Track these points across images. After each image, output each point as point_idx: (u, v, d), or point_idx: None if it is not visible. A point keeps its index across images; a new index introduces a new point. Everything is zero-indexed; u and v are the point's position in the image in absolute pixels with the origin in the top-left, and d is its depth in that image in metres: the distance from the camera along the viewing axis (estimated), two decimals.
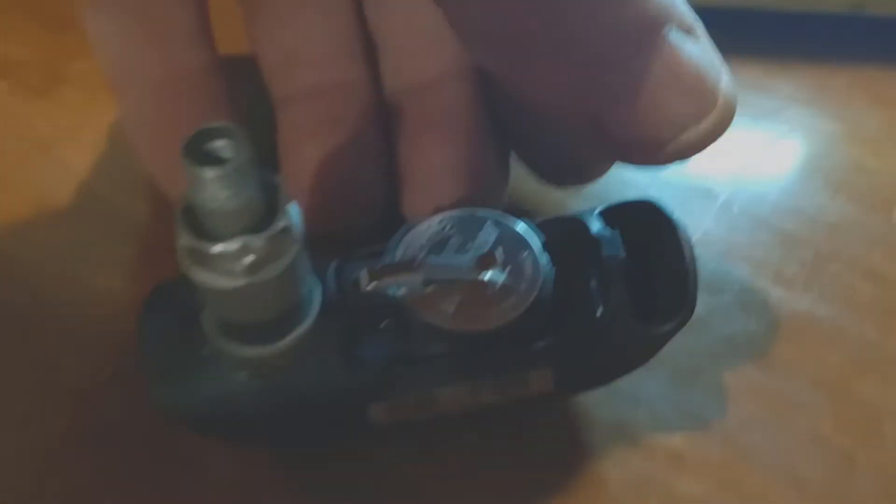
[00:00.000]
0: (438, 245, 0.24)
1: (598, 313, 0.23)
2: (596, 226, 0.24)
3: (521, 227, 0.24)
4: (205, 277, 0.19)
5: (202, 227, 0.19)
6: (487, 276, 0.23)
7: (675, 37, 0.21)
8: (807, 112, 0.35)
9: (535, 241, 0.24)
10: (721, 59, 0.21)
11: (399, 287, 0.23)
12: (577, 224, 0.24)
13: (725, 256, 0.31)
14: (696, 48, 0.21)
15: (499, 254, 0.23)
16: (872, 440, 0.27)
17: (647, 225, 0.24)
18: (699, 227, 0.32)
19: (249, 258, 0.19)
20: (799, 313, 0.30)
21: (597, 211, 0.24)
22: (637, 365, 0.26)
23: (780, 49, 0.37)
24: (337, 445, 0.27)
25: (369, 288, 0.23)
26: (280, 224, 0.19)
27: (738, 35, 0.32)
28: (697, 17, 0.21)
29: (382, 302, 0.23)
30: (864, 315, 0.30)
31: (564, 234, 0.24)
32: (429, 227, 0.24)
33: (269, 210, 0.19)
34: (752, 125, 0.35)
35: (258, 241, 0.19)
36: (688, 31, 0.21)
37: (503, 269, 0.23)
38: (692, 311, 0.24)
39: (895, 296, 0.30)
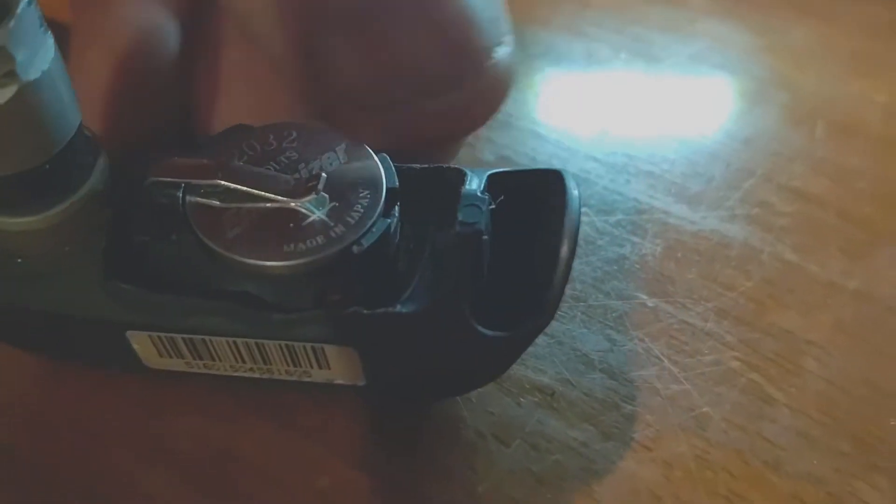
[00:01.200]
0: (266, 155, 0.18)
1: (426, 293, 0.17)
2: (473, 184, 0.18)
3: (377, 162, 0.18)
4: None
5: None
6: (299, 203, 0.17)
7: None
8: (722, 24, 0.31)
9: (383, 183, 0.18)
10: (510, 27, 0.15)
11: (194, 191, 0.18)
12: (458, 177, 0.18)
13: (620, 172, 0.26)
14: None
15: (327, 182, 0.17)
16: (791, 376, 0.22)
17: (545, 202, 0.18)
18: (591, 140, 0.27)
19: None
20: (703, 234, 0.25)
21: (489, 171, 0.18)
22: (470, 378, 0.20)
23: None
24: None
25: (149, 182, 0.18)
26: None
27: None
28: None
29: (163, 206, 0.18)
30: (782, 235, 0.25)
31: (439, 186, 0.18)
32: (264, 132, 0.19)
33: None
34: (659, 37, 0.30)
35: None
36: None
37: (325, 202, 0.17)
38: (546, 322, 0.18)
39: (820, 214, 0.25)
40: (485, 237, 0.17)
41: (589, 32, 0.31)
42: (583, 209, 0.24)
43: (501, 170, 0.19)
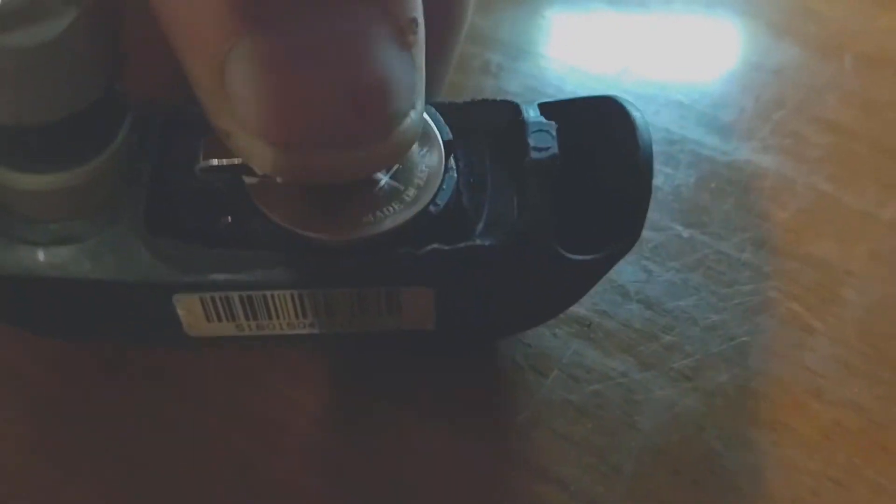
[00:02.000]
0: None
1: (506, 225, 0.17)
2: (531, 114, 0.17)
3: (425, 115, 0.17)
4: None
5: None
6: None
7: (374, 31, 0.14)
8: None
9: (439, 137, 0.17)
10: (423, 96, 0.15)
11: (248, 170, 0.16)
12: (507, 109, 0.18)
13: (650, 101, 0.26)
14: (397, 59, 0.14)
15: None
16: (829, 306, 0.21)
17: (601, 129, 0.18)
18: (619, 69, 0.26)
19: None
20: (737, 164, 0.24)
21: (538, 102, 0.18)
22: (549, 306, 0.19)
23: None
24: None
25: (201, 167, 0.16)
26: None
27: None
28: (419, 21, 0.14)
29: (219, 185, 0.17)
30: (816, 166, 0.24)
31: (489, 118, 0.18)
32: None
33: None
34: None
35: None
36: (400, 30, 0.14)
37: (389, 167, 0.17)
38: (635, 240, 0.17)
39: (851, 145, 0.25)
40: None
41: None
42: None
43: (551, 100, 0.18)
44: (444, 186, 0.17)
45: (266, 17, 0.13)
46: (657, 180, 0.24)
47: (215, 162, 0.16)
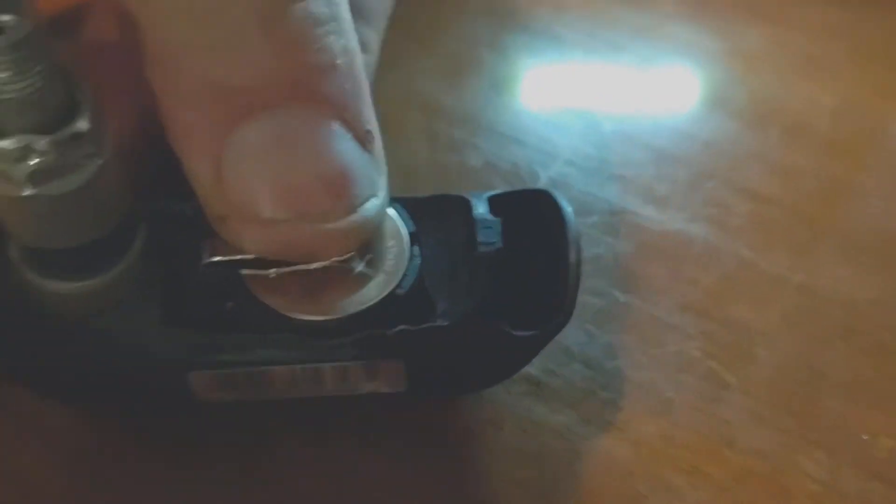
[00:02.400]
0: None
1: (461, 306, 0.21)
2: (480, 209, 0.21)
3: (392, 211, 0.21)
4: None
5: None
6: (343, 262, 0.20)
7: (337, 131, 0.18)
8: (686, 28, 0.34)
9: (404, 230, 0.21)
10: (386, 190, 0.19)
11: (247, 264, 0.20)
12: (461, 204, 0.22)
13: (595, 175, 0.29)
14: (358, 155, 0.19)
15: None
16: (743, 363, 0.25)
17: (540, 217, 0.22)
18: (568, 145, 0.30)
19: (33, 163, 0.16)
20: (670, 233, 0.28)
21: (487, 195, 0.22)
22: (500, 371, 0.23)
23: None
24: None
25: (205, 264, 0.20)
26: (74, 128, 0.17)
27: None
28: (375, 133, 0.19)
29: (221, 278, 0.20)
30: (738, 234, 0.28)
31: (446, 212, 0.22)
32: None
33: (71, 111, 0.17)
34: (629, 41, 0.33)
35: (43, 143, 0.17)
36: (361, 139, 0.19)
37: (362, 256, 0.20)
38: (567, 320, 0.21)
39: (771, 213, 0.28)
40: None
41: (564, 36, 0.33)
42: None
43: (497, 192, 0.22)
44: (409, 273, 0.20)
45: (253, 115, 0.18)
46: (600, 249, 0.27)
47: (218, 258, 0.20)
